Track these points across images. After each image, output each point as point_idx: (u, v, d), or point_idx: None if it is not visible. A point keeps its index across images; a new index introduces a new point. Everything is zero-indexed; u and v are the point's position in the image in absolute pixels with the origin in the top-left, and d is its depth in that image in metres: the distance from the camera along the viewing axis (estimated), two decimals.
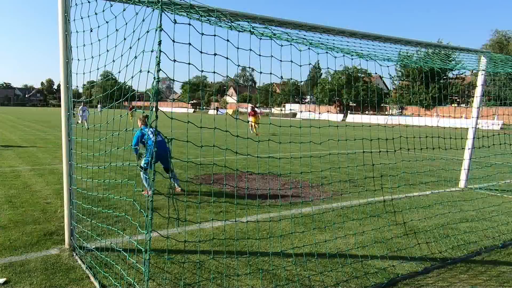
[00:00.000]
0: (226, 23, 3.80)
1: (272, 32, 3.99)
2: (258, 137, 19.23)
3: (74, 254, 4.21)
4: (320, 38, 4.85)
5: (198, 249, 4.42)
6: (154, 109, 2.81)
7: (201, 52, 3.25)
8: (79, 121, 24.48)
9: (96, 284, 3.52)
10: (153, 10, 3.07)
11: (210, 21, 3.66)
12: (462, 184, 8.51)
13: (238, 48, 3.58)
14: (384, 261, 4.21)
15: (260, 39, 3.94)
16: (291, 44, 4.12)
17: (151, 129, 6.06)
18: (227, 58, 3.47)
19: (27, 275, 3.69)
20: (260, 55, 3.77)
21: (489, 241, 5.00)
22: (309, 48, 4.33)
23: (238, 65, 3.78)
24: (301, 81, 4.54)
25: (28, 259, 4.05)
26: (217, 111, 62.62)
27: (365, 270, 3.99)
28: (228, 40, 3.51)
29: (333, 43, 4.91)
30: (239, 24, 3.96)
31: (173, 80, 3.18)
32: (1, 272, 3.75)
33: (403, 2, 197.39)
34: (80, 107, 25.21)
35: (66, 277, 3.66)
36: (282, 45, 3.97)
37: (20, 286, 3.48)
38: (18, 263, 3.96)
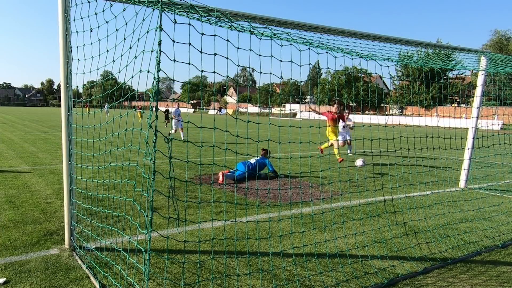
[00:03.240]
0: (226, 23, 3.80)
1: (272, 32, 3.98)
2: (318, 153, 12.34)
3: (74, 254, 4.21)
4: (320, 38, 4.85)
5: (198, 249, 4.42)
6: (154, 109, 2.81)
7: (201, 52, 3.24)
8: (172, 130, 17.32)
9: (96, 284, 3.52)
10: (153, 10, 3.07)
11: (210, 21, 3.66)
12: (462, 184, 8.51)
13: (238, 48, 3.58)
14: (384, 261, 4.22)
15: (260, 39, 3.94)
16: (291, 44, 4.12)
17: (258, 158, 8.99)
18: (227, 58, 3.47)
19: (27, 275, 3.69)
20: (260, 55, 3.77)
21: (489, 241, 5.00)
22: (309, 48, 4.32)
23: (238, 65, 3.78)
24: (301, 81, 4.52)
25: (28, 259, 4.05)
26: (220, 111, 62.66)
27: (365, 270, 3.99)
28: (228, 40, 3.51)
29: (333, 43, 4.91)
30: (239, 24, 3.96)
31: (173, 80, 3.18)
32: (1, 272, 3.75)
33: (403, 2, 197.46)
34: (174, 109, 18.25)
35: (66, 277, 3.66)
36: (282, 45, 3.97)
37: (20, 286, 3.48)
38: (18, 263, 3.96)
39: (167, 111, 26.66)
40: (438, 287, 3.68)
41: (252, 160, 9.00)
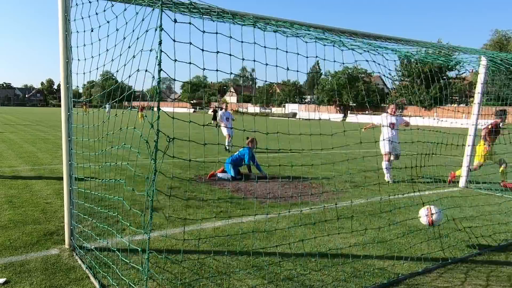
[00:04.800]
0: (228, 18, 3.77)
1: (276, 26, 3.94)
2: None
3: (74, 254, 4.21)
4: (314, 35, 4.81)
5: (198, 249, 4.42)
6: (156, 109, 2.80)
7: (202, 50, 3.22)
8: (227, 144, 14.04)
9: (96, 284, 3.52)
10: (153, 9, 3.06)
11: (211, 17, 3.63)
12: (462, 183, 8.51)
13: (242, 49, 3.56)
14: (384, 261, 4.21)
15: (264, 30, 3.87)
16: (296, 36, 4.06)
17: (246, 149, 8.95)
18: (230, 54, 3.45)
19: (27, 275, 3.69)
20: (264, 47, 3.73)
21: (489, 240, 4.99)
22: (315, 41, 4.25)
23: (242, 60, 3.76)
24: (299, 82, 4.51)
25: (28, 259, 4.04)
26: (221, 111, 62.55)
27: (365, 270, 3.98)
28: (230, 37, 3.48)
29: (340, 38, 4.86)
30: (241, 18, 3.93)
31: (174, 79, 3.17)
32: (1, 272, 3.74)
33: (403, 2, 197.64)
34: (221, 113, 14.97)
35: (66, 277, 3.66)
36: (287, 36, 3.91)
37: (20, 286, 3.48)
38: (18, 263, 3.96)
39: (215, 111, 23.42)
40: (438, 287, 3.68)
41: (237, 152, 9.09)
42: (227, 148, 14.05)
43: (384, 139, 8.59)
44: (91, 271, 3.76)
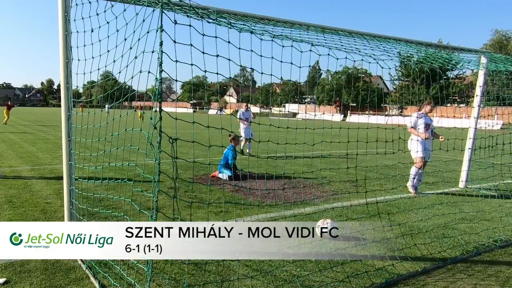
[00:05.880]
0: (226, 23, 3.79)
1: (272, 34, 3.98)
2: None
3: None
4: (317, 36, 4.83)
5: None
6: (157, 109, 2.80)
7: (203, 52, 3.23)
8: (248, 150, 13.03)
9: (96, 284, 3.52)
10: (153, 10, 3.06)
11: (210, 17, 3.64)
12: (462, 184, 8.51)
13: (239, 48, 3.57)
14: (384, 261, 4.21)
15: (261, 40, 3.92)
16: (292, 46, 4.09)
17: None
18: (229, 59, 3.46)
19: (27, 275, 3.69)
20: (261, 56, 3.76)
21: (488, 241, 5.00)
22: (310, 50, 4.29)
23: (241, 65, 3.77)
24: (300, 82, 4.51)
25: (28, 259, 4.04)
26: (220, 111, 62.67)
27: (365, 270, 3.98)
28: (229, 42, 3.49)
29: (334, 43, 4.88)
30: (238, 23, 3.94)
31: (176, 80, 3.17)
32: (1, 272, 3.75)
33: (403, 2, 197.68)
34: (240, 111, 13.77)
35: (66, 277, 3.67)
36: (283, 46, 3.95)
37: (20, 286, 3.48)
38: (18, 263, 3.96)
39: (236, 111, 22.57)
40: (438, 287, 3.68)
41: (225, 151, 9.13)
42: (248, 152, 13.00)
43: (417, 140, 7.35)
44: (91, 271, 3.77)
